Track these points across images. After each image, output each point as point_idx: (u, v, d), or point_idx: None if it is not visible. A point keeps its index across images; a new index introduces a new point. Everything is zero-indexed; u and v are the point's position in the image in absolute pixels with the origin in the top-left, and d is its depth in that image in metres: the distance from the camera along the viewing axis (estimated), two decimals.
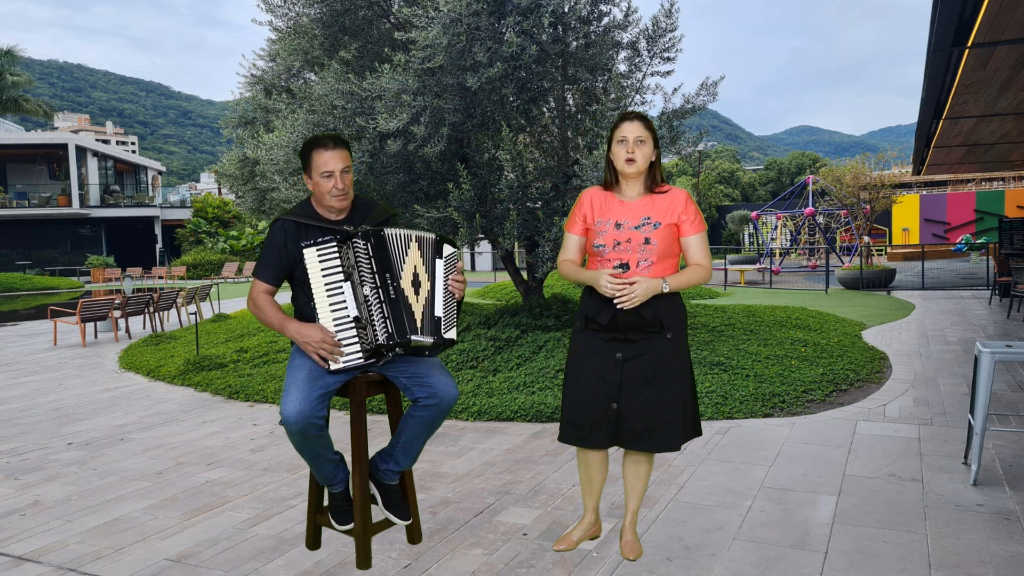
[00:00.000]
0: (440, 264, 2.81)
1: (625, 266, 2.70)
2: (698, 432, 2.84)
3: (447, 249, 2.84)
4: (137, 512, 3.70)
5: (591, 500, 3.03)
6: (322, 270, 2.65)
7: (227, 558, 3.11)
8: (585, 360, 2.77)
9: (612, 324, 2.72)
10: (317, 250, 2.64)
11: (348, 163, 2.75)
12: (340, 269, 2.66)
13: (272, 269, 2.76)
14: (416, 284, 2.75)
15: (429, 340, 2.73)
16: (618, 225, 2.73)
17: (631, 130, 2.71)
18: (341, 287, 2.66)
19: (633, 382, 2.71)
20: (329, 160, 2.71)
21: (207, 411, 6.03)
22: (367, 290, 2.66)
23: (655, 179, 2.78)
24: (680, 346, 2.75)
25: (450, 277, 2.82)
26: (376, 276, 2.68)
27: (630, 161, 2.71)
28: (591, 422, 2.74)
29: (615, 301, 2.64)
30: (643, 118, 2.73)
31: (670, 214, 2.72)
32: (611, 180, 2.83)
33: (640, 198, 2.77)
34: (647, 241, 2.68)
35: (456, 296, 2.84)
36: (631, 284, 2.60)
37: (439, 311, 2.77)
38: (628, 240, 2.70)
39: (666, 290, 2.65)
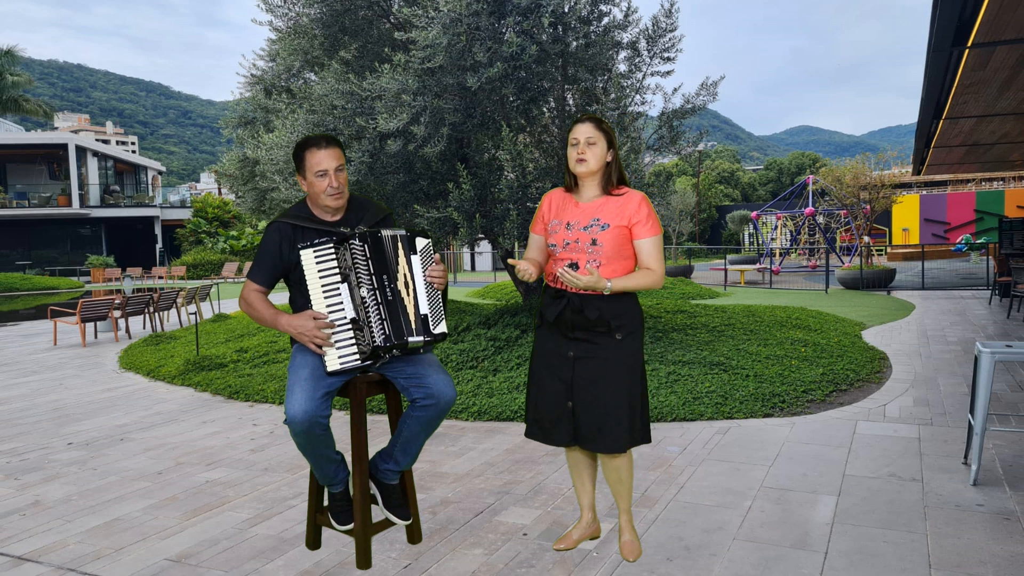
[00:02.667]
0: (415, 259, 2.78)
1: (574, 266, 2.73)
2: (646, 439, 2.81)
3: (420, 242, 2.81)
4: (137, 512, 3.70)
5: (585, 499, 3.04)
6: (319, 272, 2.65)
7: (227, 558, 3.11)
8: (543, 358, 2.83)
9: (558, 322, 2.76)
10: (314, 251, 2.64)
11: (341, 161, 2.75)
12: (337, 271, 2.65)
13: (266, 272, 2.76)
14: (407, 284, 2.75)
15: (421, 339, 2.73)
16: (568, 225, 2.76)
17: (582, 132, 2.74)
18: (338, 288, 2.66)
19: (582, 382, 2.73)
20: (323, 159, 2.71)
21: (207, 411, 6.03)
22: (364, 291, 2.65)
23: (610, 181, 2.79)
24: (631, 348, 2.75)
25: (427, 270, 2.79)
26: (373, 278, 2.67)
27: (580, 161, 2.74)
28: (551, 419, 2.79)
29: (558, 274, 2.65)
30: (595, 120, 2.76)
31: (620, 216, 2.72)
32: (570, 183, 2.86)
33: (595, 200, 2.79)
34: (594, 242, 2.70)
35: (436, 286, 2.81)
36: (578, 275, 2.62)
37: (424, 308, 2.75)
38: (576, 241, 2.73)
39: (608, 290, 2.64)
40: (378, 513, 3.00)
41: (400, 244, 2.76)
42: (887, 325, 9.57)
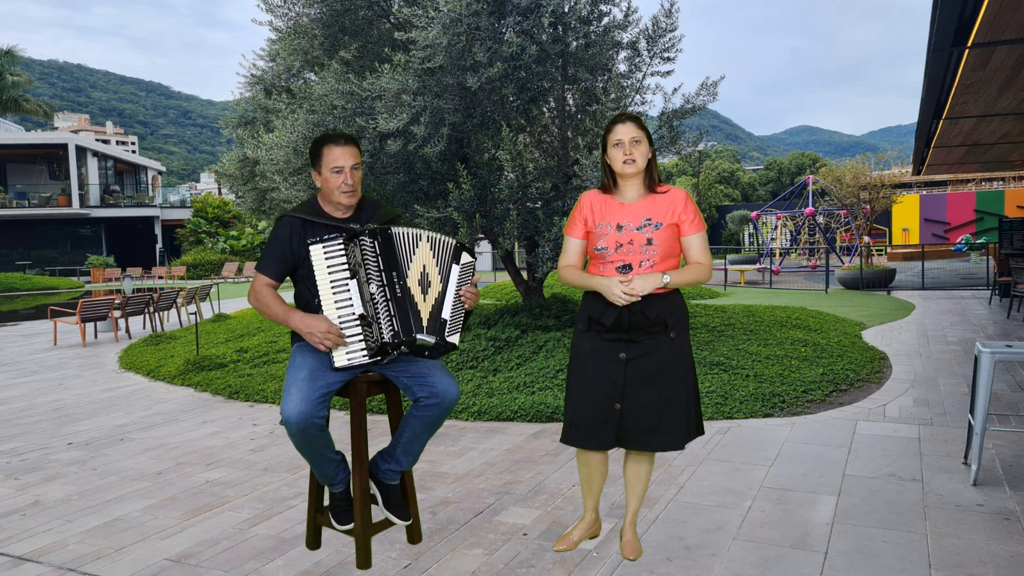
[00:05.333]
0: (456, 270, 2.81)
1: (628, 267, 2.70)
2: (700, 431, 2.84)
3: (465, 257, 2.84)
4: (137, 512, 3.70)
5: (591, 500, 3.03)
6: (328, 267, 2.66)
7: (227, 558, 3.11)
8: (589, 361, 2.76)
9: (617, 325, 2.71)
10: (323, 247, 2.65)
11: (358, 160, 2.78)
12: (346, 267, 2.66)
13: (276, 264, 2.77)
14: (424, 284, 2.75)
15: (432, 339, 2.73)
16: (619, 227, 2.72)
17: (626, 132, 2.71)
18: (347, 284, 2.66)
19: (637, 382, 2.70)
20: (340, 156, 2.73)
21: (207, 411, 6.03)
22: (373, 288, 2.66)
23: (653, 179, 2.78)
24: (683, 346, 2.76)
25: (464, 286, 2.82)
26: (383, 274, 2.68)
27: (629, 162, 2.70)
28: (595, 423, 2.73)
29: (623, 298, 2.61)
30: (635, 119, 2.74)
31: (671, 214, 2.72)
32: (608, 184, 2.82)
33: (640, 199, 2.77)
34: (649, 242, 2.68)
35: (466, 306, 2.84)
36: (631, 288, 2.60)
37: (446, 314, 2.77)
38: (630, 242, 2.69)
39: (666, 281, 2.63)
40: (378, 513, 3.00)
41: (442, 250, 2.79)
42: (887, 325, 9.57)
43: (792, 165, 65.34)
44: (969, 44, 5.93)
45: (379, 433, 4.84)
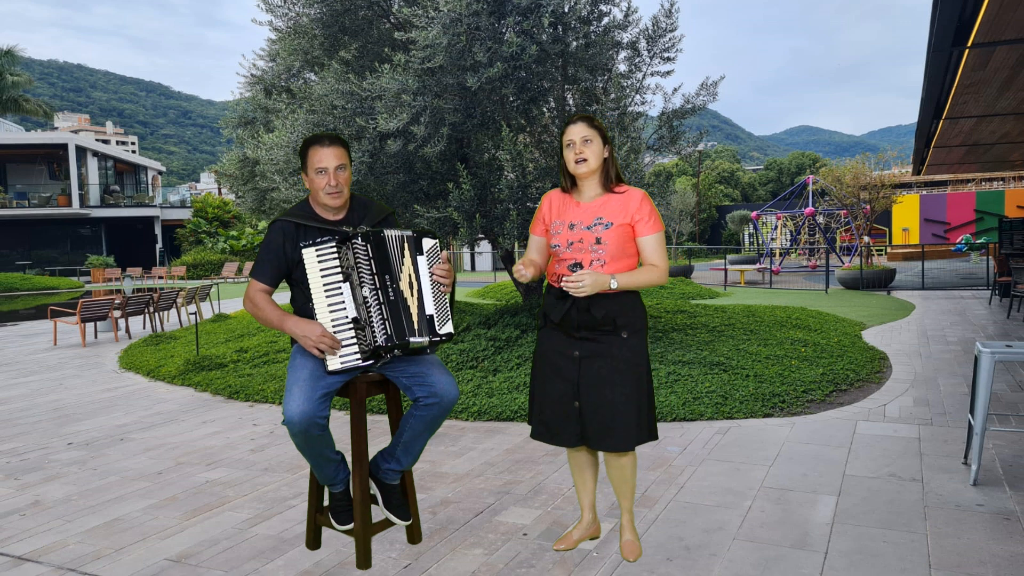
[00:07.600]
0: (422, 260, 2.80)
1: (578, 265, 2.73)
2: (653, 436, 2.80)
3: (427, 243, 2.82)
4: (137, 512, 3.70)
5: (586, 499, 3.04)
6: (321, 271, 2.65)
7: (227, 558, 3.11)
8: (547, 358, 2.82)
9: (564, 322, 2.75)
10: (316, 250, 2.64)
11: (343, 161, 2.76)
12: (339, 270, 2.66)
13: (270, 270, 2.76)
14: (410, 285, 2.75)
15: (426, 340, 2.73)
16: (572, 226, 2.76)
17: (576, 132, 2.76)
18: (340, 288, 2.66)
19: (589, 382, 2.72)
20: (324, 157, 2.72)
21: (207, 411, 6.03)
22: (366, 291, 2.65)
23: (610, 178, 2.80)
24: (636, 347, 2.75)
25: (434, 270, 2.80)
26: (376, 277, 2.67)
27: (581, 161, 2.74)
28: (558, 420, 2.78)
29: (562, 285, 2.62)
30: (586, 118, 2.77)
31: (623, 214, 2.73)
32: (567, 185, 2.86)
33: (596, 199, 2.80)
34: (598, 241, 2.70)
35: (445, 288, 2.82)
36: (580, 276, 2.59)
37: (429, 308, 2.77)
38: (580, 240, 2.73)
39: (614, 287, 2.63)
40: (378, 513, 3.00)
41: (406, 244, 2.77)
42: (887, 325, 9.57)
43: (792, 165, 65.36)
44: (969, 44, 5.93)
45: (379, 433, 4.84)
